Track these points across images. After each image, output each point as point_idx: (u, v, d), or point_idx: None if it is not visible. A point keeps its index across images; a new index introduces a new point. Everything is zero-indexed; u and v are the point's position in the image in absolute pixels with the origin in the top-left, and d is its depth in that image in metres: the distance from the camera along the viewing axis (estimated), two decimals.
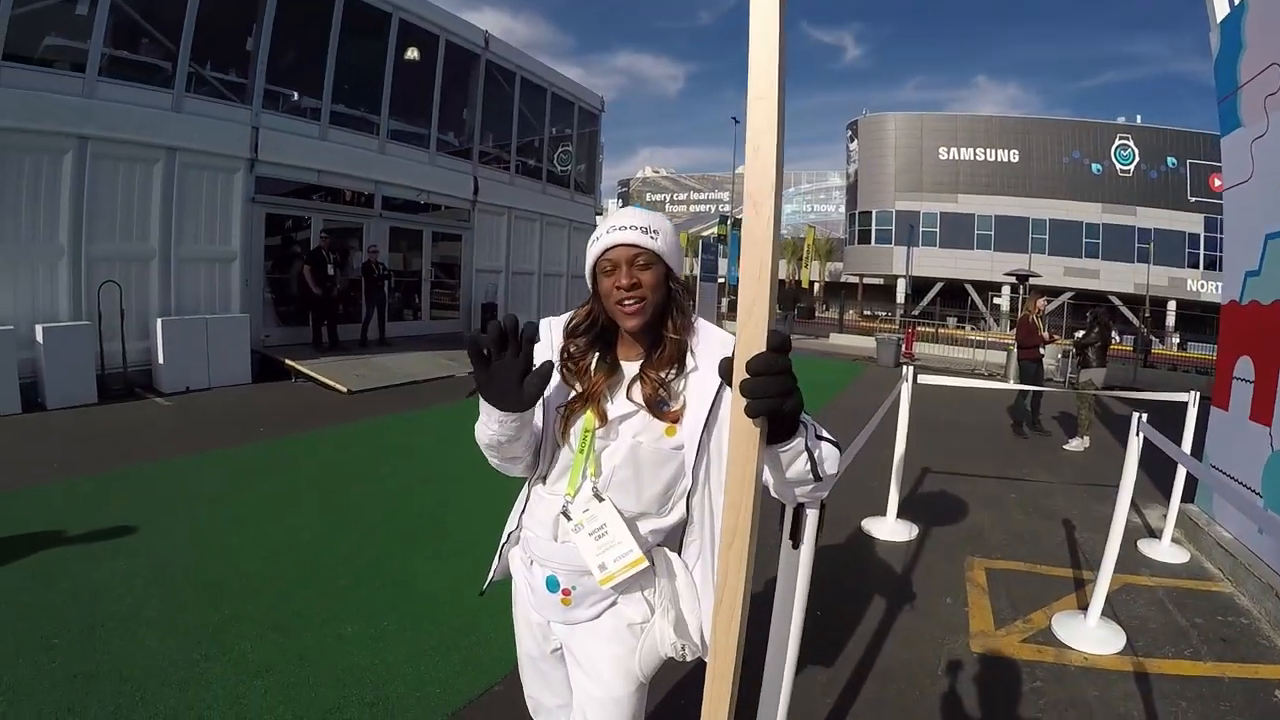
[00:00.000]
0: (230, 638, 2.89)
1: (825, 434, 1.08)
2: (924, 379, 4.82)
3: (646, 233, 1.24)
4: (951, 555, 4.18)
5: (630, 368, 1.29)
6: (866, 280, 38.82)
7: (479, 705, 2.53)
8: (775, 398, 0.78)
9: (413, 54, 12.12)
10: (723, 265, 22.32)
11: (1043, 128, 33.86)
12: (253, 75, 9.58)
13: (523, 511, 1.41)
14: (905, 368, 4.82)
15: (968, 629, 3.26)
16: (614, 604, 1.31)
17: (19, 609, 3.05)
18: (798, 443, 0.96)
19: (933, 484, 5.75)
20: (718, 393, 1.17)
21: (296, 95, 10.80)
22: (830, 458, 1.06)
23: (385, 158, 11.68)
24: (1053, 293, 22.13)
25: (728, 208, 39.58)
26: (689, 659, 1.27)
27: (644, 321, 1.24)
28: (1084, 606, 3.39)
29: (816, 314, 35.60)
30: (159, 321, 8.29)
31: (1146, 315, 25.08)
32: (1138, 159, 32.27)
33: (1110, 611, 3.33)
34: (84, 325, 7.61)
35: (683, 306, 1.28)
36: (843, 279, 41.34)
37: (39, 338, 7.13)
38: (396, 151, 11.94)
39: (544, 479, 1.36)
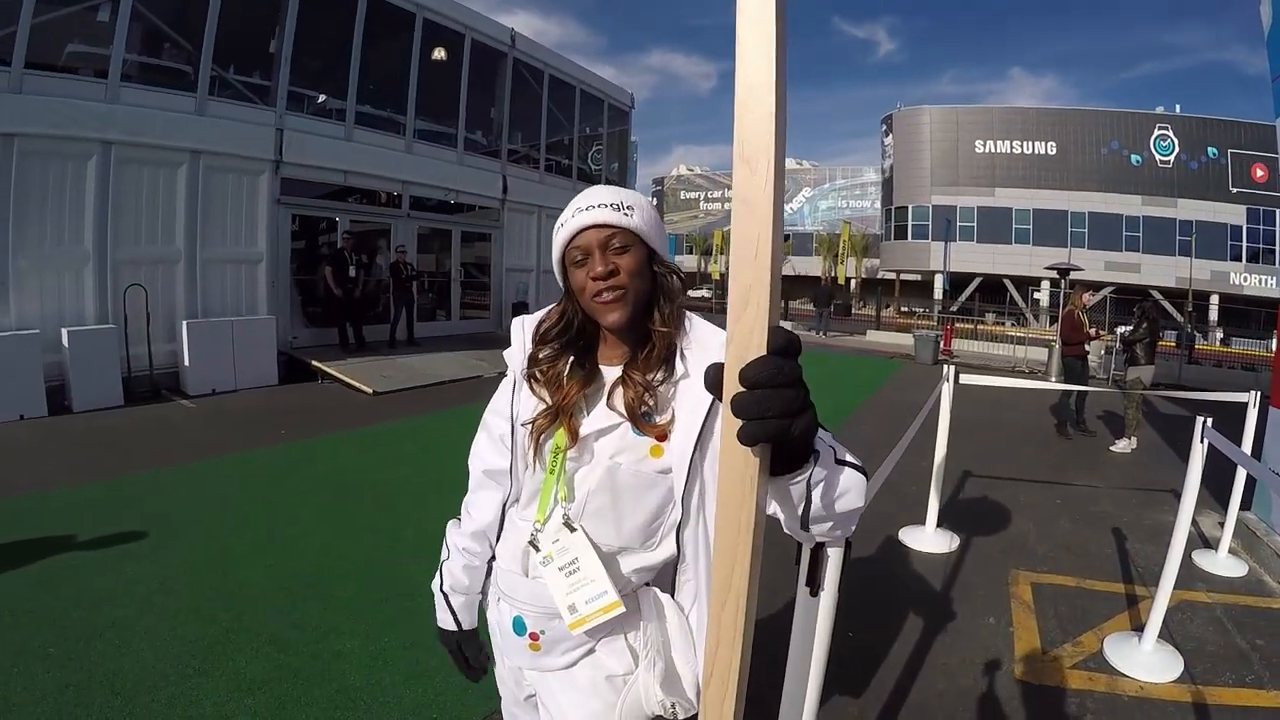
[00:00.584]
0: (226, 651, 2.78)
1: (849, 457, 0.87)
2: (965, 379, 4.53)
3: (619, 209, 1.04)
4: (994, 569, 3.90)
5: (612, 372, 1.09)
6: (904, 276, 38.10)
7: None
8: (778, 418, 0.58)
9: (439, 54, 12.07)
10: None
11: (1080, 118, 32.92)
12: (276, 77, 9.58)
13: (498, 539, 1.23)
14: (946, 366, 4.53)
15: (1012, 653, 2.99)
16: (591, 651, 1.10)
17: (19, 616, 2.99)
18: (811, 473, 0.75)
19: (974, 489, 5.45)
20: (712, 404, 0.96)
21: (321, 97, 10.81)
22: (853, 489, 0.85)
23: (412, 157, 11.63)
24: (1094, 287, 21.36)
25: None
26: (681, 719, 1.06)
27: (627, 315, 1.03)
28: (1138, 627, 3.12)
29: (853, 311, 34.97)
30: (185, 324, 8.32)
31: (1190, 310, 24.13)
32: (1178, 149, 31.22)
33: (1165, 632, 3.04)
34: (110, 329, 7.66)
35: (671, 293, 1.07)
36: (880, 275, 40.68)
37: (65, 341, 7.18)
38: (424, 151, 11.88)
39: (517, 500, 1.17)
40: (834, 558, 1.09)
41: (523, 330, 1.17)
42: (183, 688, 2.51)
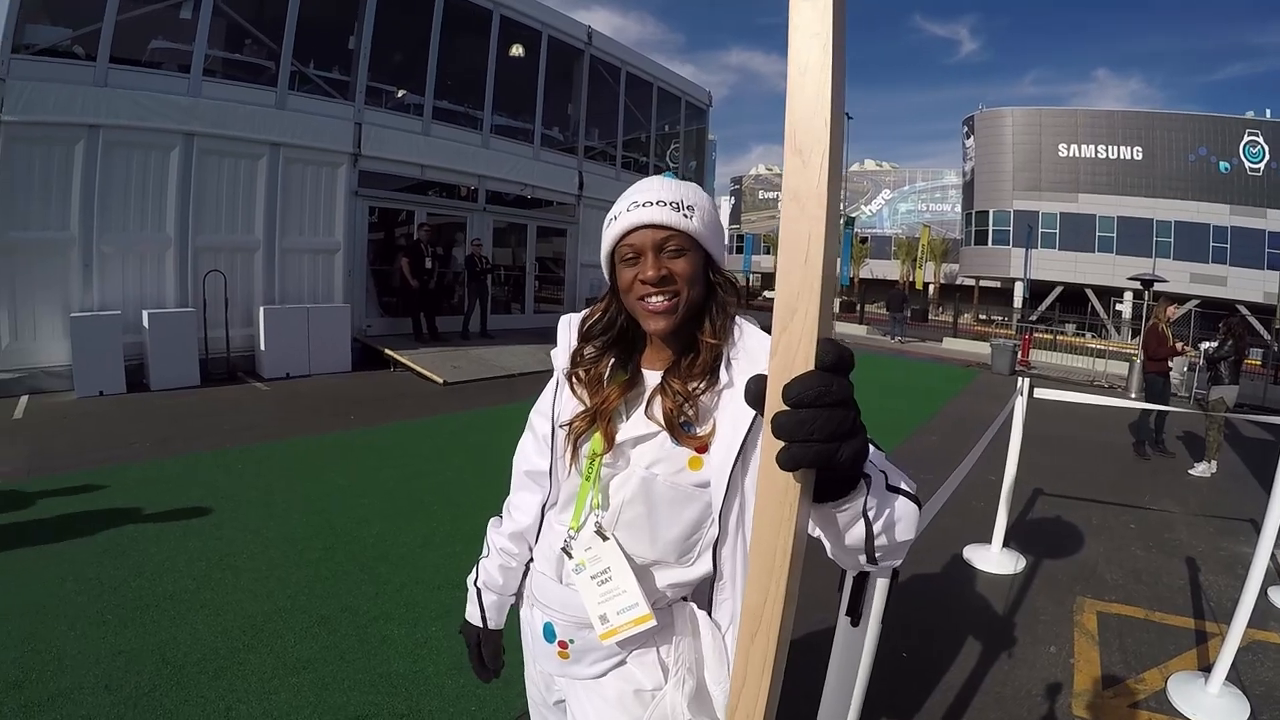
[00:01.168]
0: (276, 629, 2.85)
1: (903, 484, 0.79)
2: (1040, 393, 4.29)
3: (679, 209, 0.97)
4: (1060, 594, 3.69)
5: (654, 378, 1.03)
6: (983, 283, 36.88)
7: None
8: (824, 442, 0.52)
9: (517, 50, 12.26)
10: None
11: (1167, 123, 31.07)
12: (355, 73, 9.89)
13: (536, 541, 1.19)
14: (1020, 379, 4.31)
15: (1071, 686, 2.81)
16: (622, 663, 1.06)
17: (82, 582, 3.14)
18: (859, 501, 0.68)
19: (1044, 508, 5.18)
20: (755, 418, 0.89)
21: (401, 92, 11.08)
22: (904, 519, 0.77)
23: (489, 153, 11.84)
24: (1180, 300, 20.17)
25: (841, 206, 38.37)
26: None
27: (674, 324, 0.97)
28: (1205, 666, 2.89)
29: (930, 317, 34.00)
30: (262, 310, 8.65)
31: (1278, 327, 22.45)
32: (1268, 156, 29.11)
33: (1234, 674, 2.79)
34: (189, 312, 8.04)
35: (724, 305, 1.00)
36: (958, 281, 39.46)
37: (145, 323, 7.57)
38: (500, 147, 12.09)
39: (555, 504, 1.13)
40: (879, 587, 1.01)
41: (569, 329, 1.13)
42: (231, 661, 2.60)
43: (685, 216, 0.97)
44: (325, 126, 9.46)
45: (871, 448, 0.84)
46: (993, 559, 4.03)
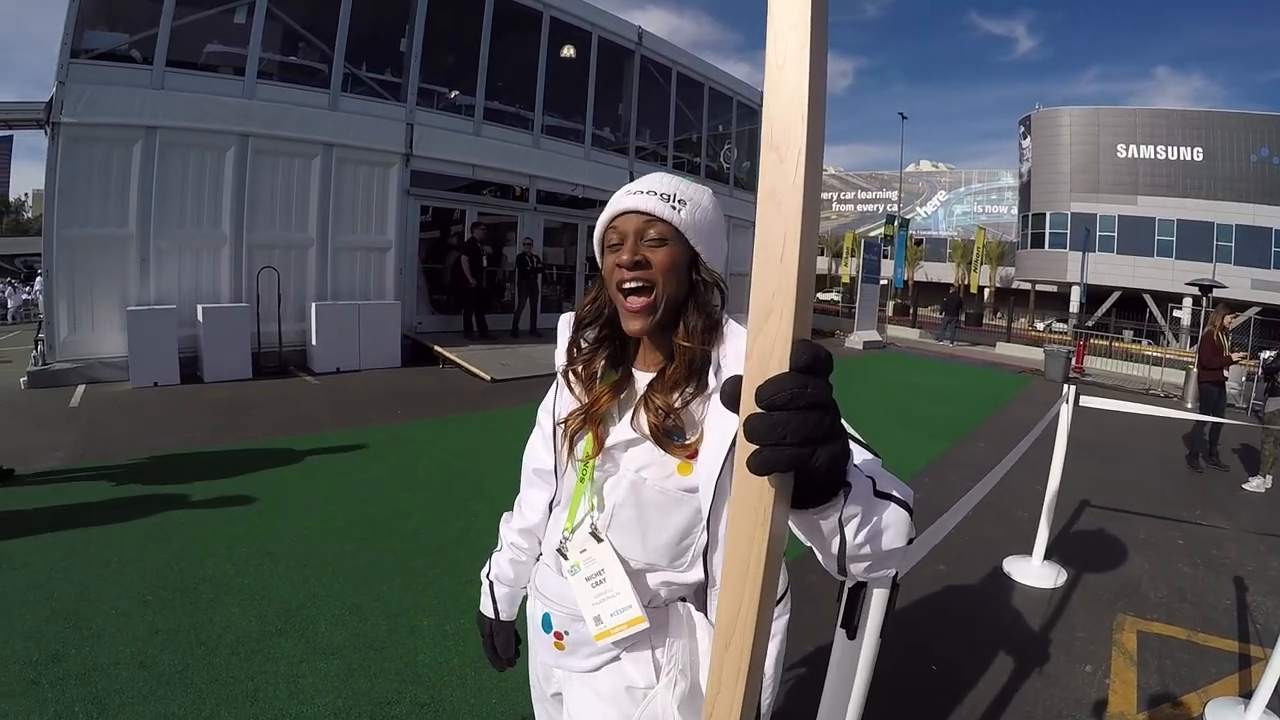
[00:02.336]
0: (309, 615, 2.93)
1: (893, 490, 0.76)
2: (1086, 400, 4.14)
3: (668, 200, 0.97)
4: (1100, 611, 3.55)
5: (644, 380, 1.02)
6: (1039, 287, 35.95)
7: None
8: (797, 445, 0.50)
9: (568, 51, 12.37)
10: (886, 267, 21.25)
11: (1228, 122, 29.86)
12: (407, 75, 10.13)
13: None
14: (1066, 387, 4.16)
15: (1106, 709, 2.70)
16: (616, 659, 1.05)
17: (126, 564, 3.28)
18: (841, 506, 0.66)
19: (1089, 520, 5.00)
20: None
21: (453, 93, 11.29)
22: (893, 526, 0.74)
23: (540, 153, 12.00)
24: (1238, 307, 19.26)
25: (895, 208, 37.85)
26: None
27: (651, 321, 0.96)
28: (1246, 693, 2.73)
29: (985, 321, 33.16)
30: (314, 305, 8.93)
31: None
32: None
33: (1275, 702, 2.64)
34: (242, 307, 8.34)
35: (704, 306, 0.98)
36: (1014, 285, 38.55)
37: (200, 317, 7.88)
38: (551, 147, 12.24)
39: (559, 502, 1.14)
40: (877, 599, 0.97)
41: (568, 327, 1.13)
42: (263, 644, 2.68)
43: (674, 208, 0.96)
44: (377, 127, 9.70)
45: (865, 453, 0.82)
46: (1033, 572, 3.90)
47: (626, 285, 0.96)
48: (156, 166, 7.83)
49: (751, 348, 0.53)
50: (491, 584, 1.32)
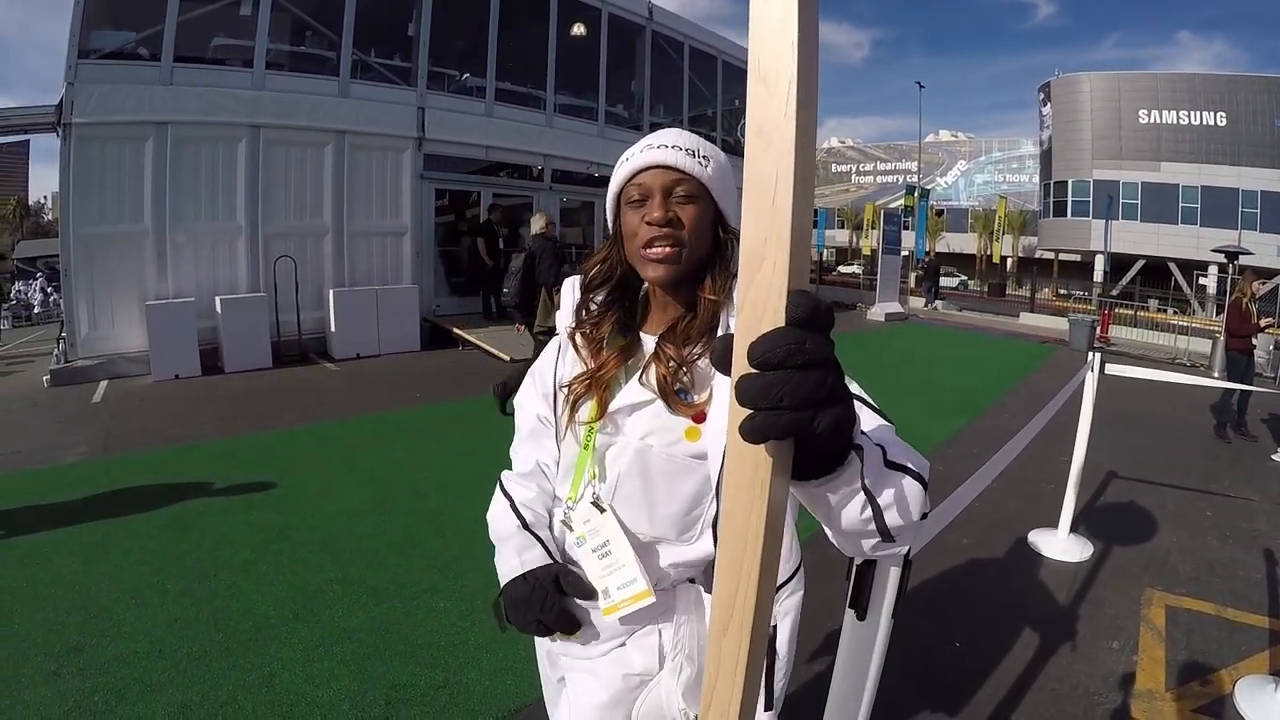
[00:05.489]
0: (326, 599, 2.95)
1: (905, 459, 0.71)
2: (1112, 368, 4.04)
3: (694, 156, 0.94)
4: (1128, 585, 3.47)
5: (652, 342, 0.99)
6: (1062, 256, 35.39)
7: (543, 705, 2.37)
8: (795, 409, 0.45)
9: (578, 29, 12.24)
10: (908, 238, 21.02)
11: (1252, 86, 28.98)
12: (416, 59, 10.07)
13: None
14: (1092, 355, 4.05)
15: (1133, 686, 2.63)
16: (621, 645, 1.02)
17: (146, 554, 3.33)
18: (848, 477, 0.61)
19: (1116, 492, 4.90)
20: None
21: (463, 76, 11.21)
22: (906, 500, 0.69)
23: (553, 131, 11.91)
24: (1266, 275, 18.82)
25: (915, 179, 37.37)
26: None
27: (676, 273, 0.93)
28: (1276, 671, 2.67)
29: (1008, 291, 32.76)
30: (331, 292, 8.95)
31: None
32: None
33: None
34: (260, 297, 8.38)
35: (729, 262, 0.96)
36: (1037, 254, 37.86)
37: (218, 308, 7.94)
38: (564, 125, 12.14)
39: (560, 470, 1.10)
40: (891, 577, 0.92)
41: (573, 290, 1.10)
42: (280, 630, 2.70)
43: (701, 164, 0.94)
44: (389, 113, 9.67)
45: (877, 419, 0.77)
46: (1059, 545, 3.83)
47: (657, 247, 0.92)
48: (169, 162, 7.87)
49: (742, 301, 0.48)
50: (532, 532, 1.08)
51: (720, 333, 0.92)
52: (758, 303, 0.47)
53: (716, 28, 17.97)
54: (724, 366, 0.49)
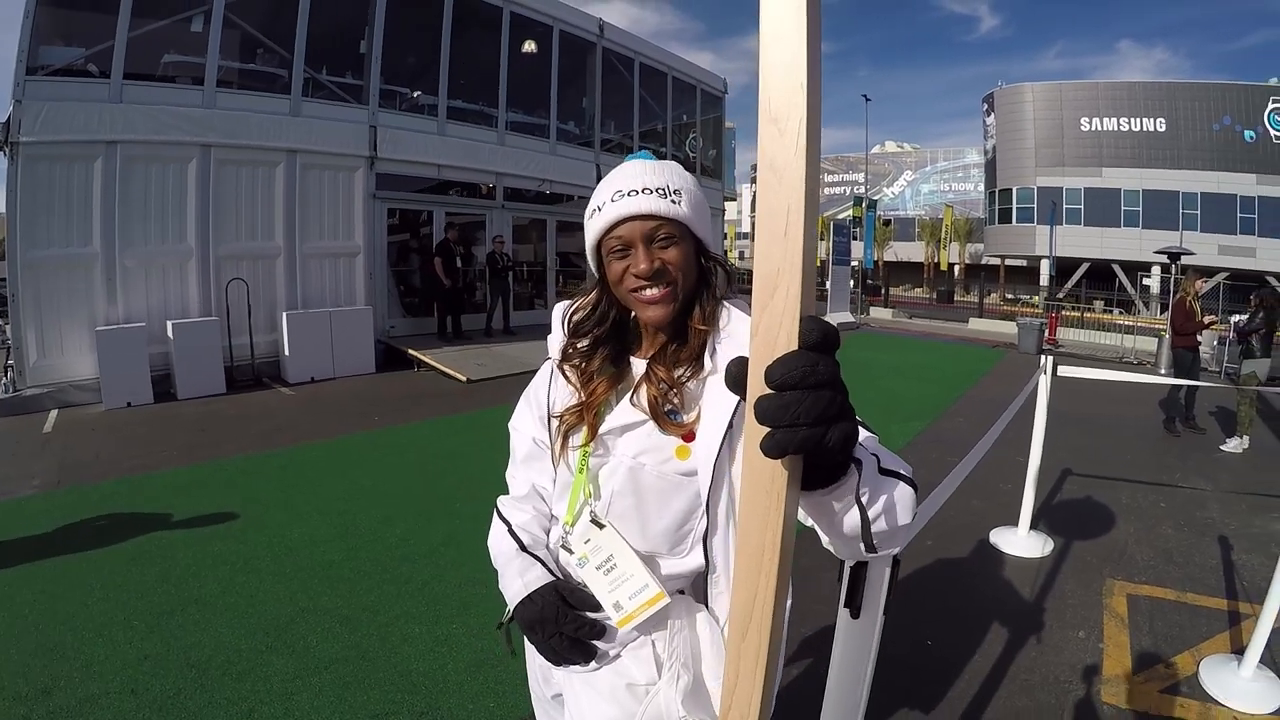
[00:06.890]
0: (299, 629, 2.88)
1: (895, 466, 0.77)
2: (1065, 370, 4.21)
3: (666, 195, 0.93)
4: (1089, 577, 3.61)
5: (641, 366, 1.01)
6: (1008, 262, 36.46)
7: None
8: (811, 425, 0.49)
9: (529, 46, 12.26)
10: (857, 249, 21.47)
11: (1189, 92, 30.34)
12: (368, 77, 9.94)
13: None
14: (1044, 357, 4.22)
15: (1101, 672, 2.74)
16: (617, 656, 1.03)
17: (110, 589, 3.20)
18: (850, 485, 0.66)
19: (1072, 489, 5.08)
20: (739, 403, 0.85)
21: (414, 93, 11.10)
22: (900, 505, 0.74)
23: (505, 150, 11.86)
24: (1207, 273, 19.71)
25: (863, 189, 38.19)
26: None
27: (672, 313, 0.95)
28: (1238, 649, 2.80)
29: (956, 298, 33.65)
30: (285, 315, 8.72)
31: None
32: None
33: (1268, 657, 2.70)
34: (212, 321, 8.13)
35: (715, 289, 0.98)
36: (984, 261, 39.06)
37: (170, 333, 7.69)
38: (516, 143, 12.10)
39: (555, 494, 1.12)
40: (881, 577, 0.97)
41: (564, 317, 1.10)
42: (255, 662, 2.63)
43: (673, 203, 0.94)
44: (340, 131, 9.52)
45: (864, 431, 0.81)
46: (1020, 542, 3.96)
47: (648, 293, 0.94)
48: (119, 182, 7.62)
49: (757, 325, 0.51)
50: (529, 553, 1.08)
51: (709, 354, 0.95)
52: (772, 328, 0.51)
53: (666, 44, 18.13)
54: (739, 388, 0.53)
